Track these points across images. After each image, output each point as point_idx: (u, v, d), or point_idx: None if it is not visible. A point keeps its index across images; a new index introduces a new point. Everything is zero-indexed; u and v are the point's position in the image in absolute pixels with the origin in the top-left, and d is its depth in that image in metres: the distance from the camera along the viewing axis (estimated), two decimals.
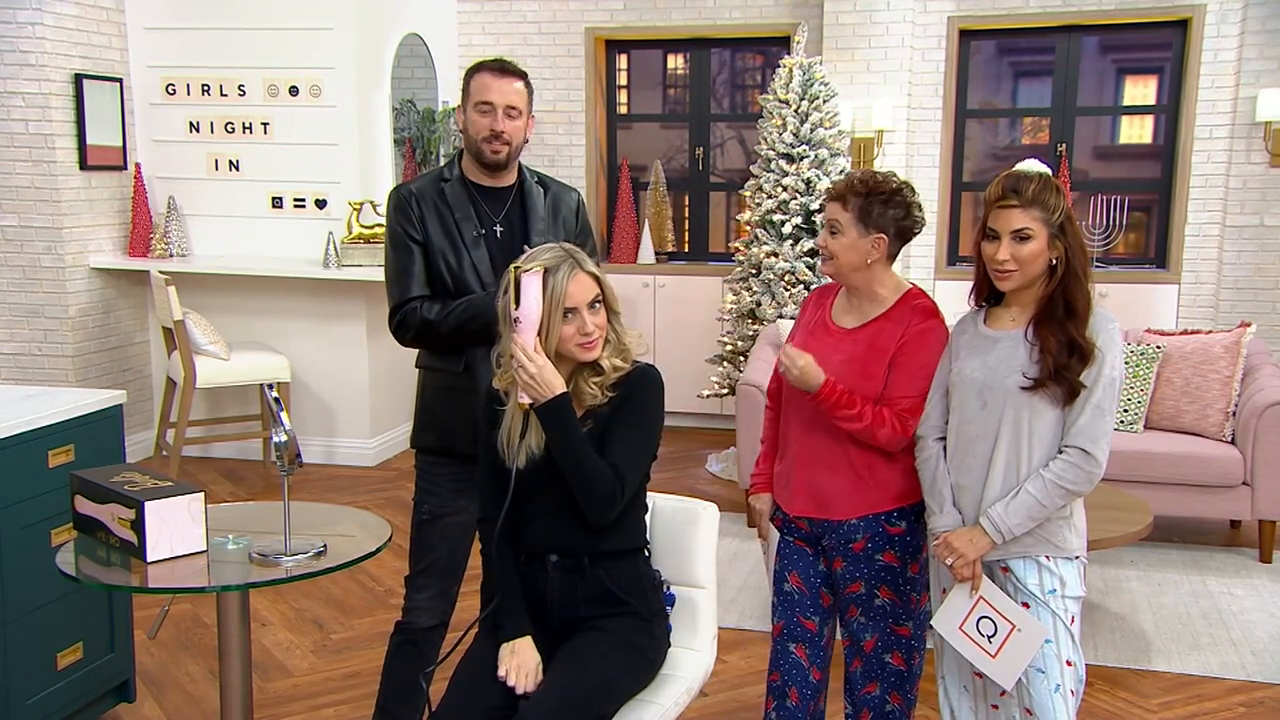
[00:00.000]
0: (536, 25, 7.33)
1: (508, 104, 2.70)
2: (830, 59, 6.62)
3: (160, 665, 3.80)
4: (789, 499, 2.63)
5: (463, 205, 2.76)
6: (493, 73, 2.71)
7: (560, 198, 2.88)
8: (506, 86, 2.70)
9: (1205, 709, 3.52)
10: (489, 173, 2.77)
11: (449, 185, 2.78)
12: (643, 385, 2.40)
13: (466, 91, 2.75)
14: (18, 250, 5.88)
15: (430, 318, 2.69)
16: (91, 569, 2.39)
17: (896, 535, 2.53)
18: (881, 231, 2.50)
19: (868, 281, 2.55)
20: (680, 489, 5.61)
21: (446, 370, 2.78)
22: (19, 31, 5.66)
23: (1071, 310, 2.31)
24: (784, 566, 2.66)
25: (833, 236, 2.53)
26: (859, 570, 2.54)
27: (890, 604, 2.55)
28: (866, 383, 2.48)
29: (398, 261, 2.74)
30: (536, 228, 2.78)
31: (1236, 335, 5.01)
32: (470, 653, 2.43)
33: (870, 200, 2.49)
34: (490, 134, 2.70)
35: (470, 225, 2.74)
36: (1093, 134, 7.06)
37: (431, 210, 2.74)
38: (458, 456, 2.77)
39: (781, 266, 5.76)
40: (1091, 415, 2.30)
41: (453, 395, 2.76)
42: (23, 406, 3.09)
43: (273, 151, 6.18)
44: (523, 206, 2.81)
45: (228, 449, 6.35)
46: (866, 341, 2.52)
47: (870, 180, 2.52)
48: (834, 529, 2.55)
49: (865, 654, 2.59)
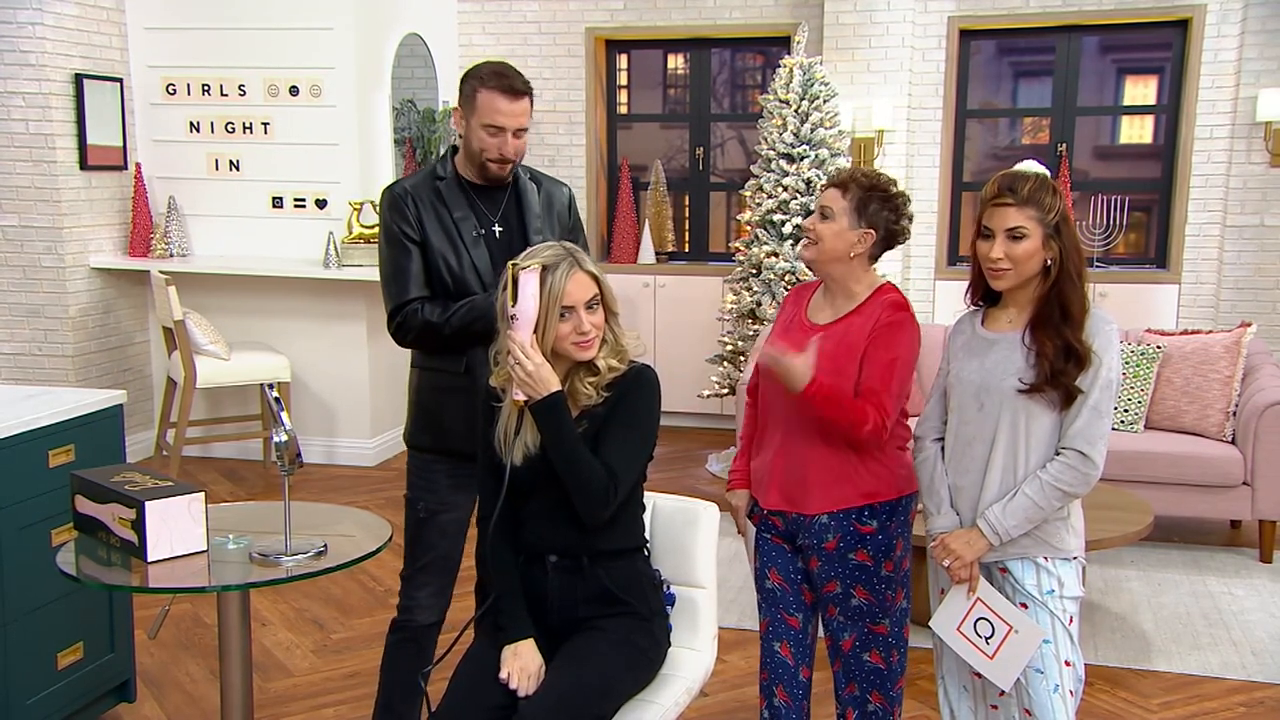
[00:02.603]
0: (537, 25, 7.33)
1: (518, 127, 2.65)
2: (830, 59, 6.62)
3: (160, 665, 3.80)
4: (764, 493, 2.63)
5: (460, 204, 2.72)
6: (504, 95, 2.62)
7: (553, 193, 2.85)
8: (518, 109, 2.63)
9: (1205, 709, 3.52)
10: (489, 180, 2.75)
11: (444, 184, 2.73)
12: (638, 385, 2.40)
13: (472, 104, 2.64)
14: (18, 250, 5.89)
15: (433, 320, 2.65)
16: (92, 569, 2.39)
17: (868, 534, 2.53)
18: (872, 228, 2.51)
19: (845, 276, 2.56)
20: (680, 489, 5.61)
21: (446, 370, 2.74)
22: (19, 31, 5.66)
23: (1067, 314, 2.31)
24: (764, 564, 2.68)
25: (823, 220, 2.53)
26: (834, 570, 2.55)
27: (866, 603, 2.55)
28: (837, 379, 2.48)
29: (395, 262, 2.70)
30: (534, 225, 2.76)
31: (1237, 335, 5.01)
32: (470, 653, 2.43)
33: (870, 195, 2.51)
34: (500, 157, 2.67)
35: (470, 224, 2.71)
36: (1093, 134, 7.06)
37: (429, 209, 2.70)
38: (454, 455, 2.75)
39: (782, 266, 5.76)
40: (1089, 417, 2.30)
41: (452, 395, 2.74)
42: (23, 406, 3.09)
43: (273, 151, 6.18)
44: (519, 204, 2.78)
45: (228, 449, 6.35)
46: (837, 337, 2.52)
47: (875, 177, 2.55)
48: (806, 526, 2.55)
49: (844, 653, 2.60)
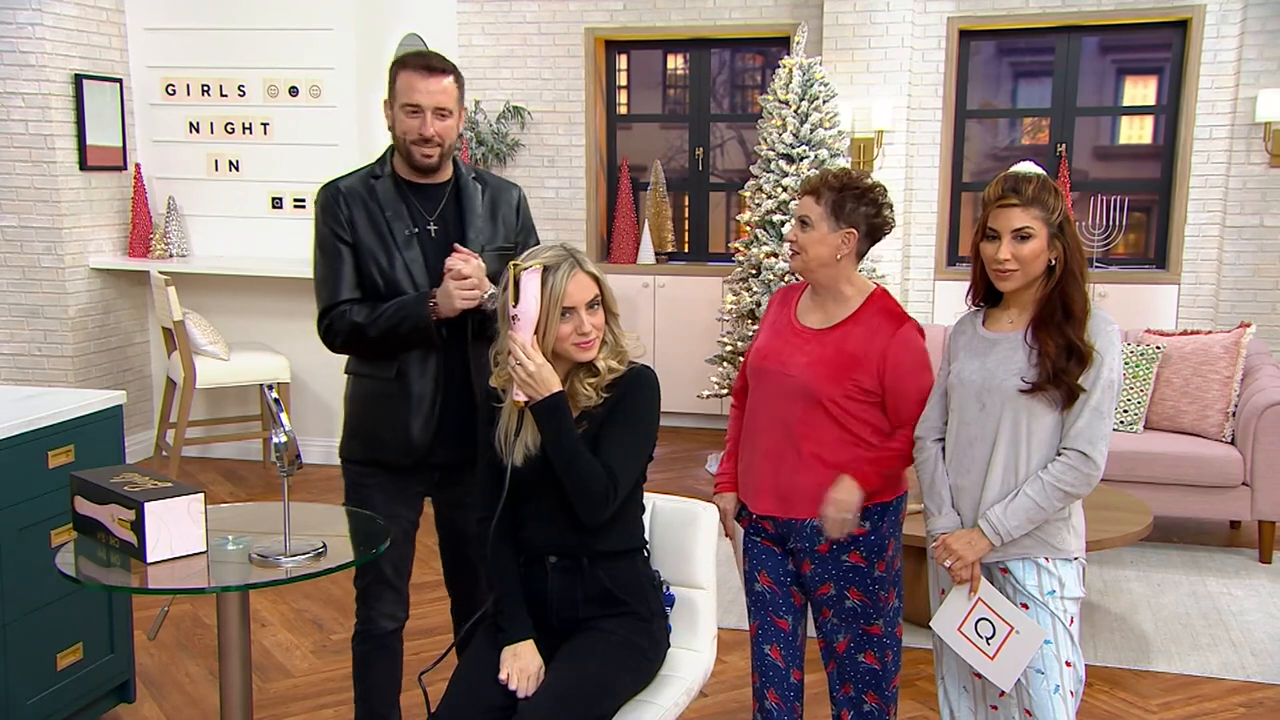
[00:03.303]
0: (536, 25, 7.32)
1: (436, 105, 2.55)
2: (830, 59, 6.62)
3: (160, 666, 3.80)
4: (753, 497, 2.62)
5: (394, 203, 2.63)
6: (419, 71, 2.54)
7: (499, 195, 2.75)
8: (434, 86, 2.54)
9: (1205, 709, 3.52)
10: (421, 173, 2.66)
11: (380, 182, 2.65)
12: (638, 386, 2.40)
13: (393, 88, 2.58)
14: (18, 250, 5.89)
15: (359, 321, 2.58)
16: (91, 570, 2.39)
17: (860, 536, 2.53)
18: (853, 227, 2.50)
19: (834, 279, 2.55)
20: (680, 489, 5.62)
21: (377, 376, 2.67)
22: (19, 32, 5.66)
23: (1069, 313, 2.31)
24: (753, 566, 2.67)
25: (803, 230, 2.52)
26: (827, 572, 2.55)
27: (860, 605, 2.55)
28: (833, 385, 2.49)
29: (326, 264, 2.62)
30: (474, 224, 2.68)
31: (1236, 336, 5.01)
32: (470, 653, 2.43)
33: (843, 195, 2.50)
34: (419, 138, 2.57)
35: (402, 225, 2.62)
36: (1092, 134, 7.06)
37: (360, 209, 2.62)
38: (386, 467, 2.68)
39: (781, 267, 5.76)
40: (1090, 418, 2.30)
41: (383, 403, 2.65)
42: (23, 407, 3.09)
43: (272, 152, 6.18)
44: (459, 204, 2.70)
45: (227, 449, 6.35)
46: (835, 345, 2.52)
47: (844, 176, 2.53)
48: (798, 529, 2.55)
49: (839, 655, 2.60)
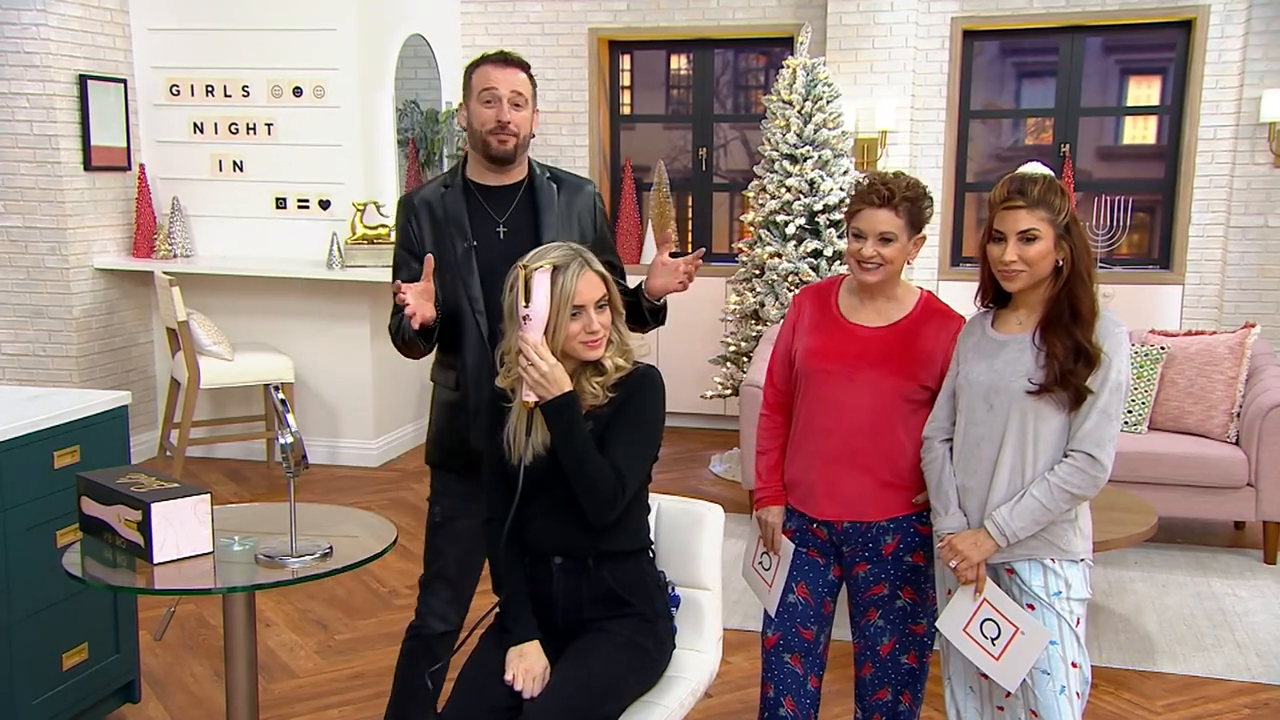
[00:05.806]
0: (540, 26, 7.33)
1: (512, 90, 2.61)
2: (834, 60, 6.61)
3: (165, 666, 3.80)
4: (814, 503, 2.59)
5: (457, 215, 2.66)
6: (495, 64, 2.63)
7: (574, 196, 2.74)
8: (511, 76, 2.62)
9: (1210, 710, 3.52)
10: (496, 169, 2.67)
11: (449, 192, 2.69)
12: (644, 386, 2.39)
13: (468, 86, 2.65)
14: (22, 251, 5.89)
15: (390, 328, 2.68)
16: (97, 570, 2.39)
17: (925, 535, 2.54)
18: (920, 231, 2.52)
19: (894, 282, 2.56)
20: (683, 490, 5.62)
21: (442, 385, 2.75)
22: (23, 33, 5.66)
23: (1077, 314, 2.31)
24: (792, 578, 2.64)
25: (886, 244, 2.48)
26: (885, 572, 2.55)
27: (911, 603, 2.57)
28: (906, 382, 2.51)
29: (392, 273, 2.72)
30: (550, 227, 2.67)
31: (1241, 336, 5.01)
32: (476, 654, 2.42)
33: (918, 204, 2.50)
34: (496, 124, 2.60)
35: (461, 239, 2.65)
36: (1096, 135, 7.05)
37: (428, 221, 2.68)
38: (458, 471, 2.72)
39: (785, 267, 5.75)
40: (1097, 420, 2.30)
41: (447, 410, 2.73)
42: (28, 407, 3.09)
43: (276, 152, 6.18)
44: (533, 205, 2.70)
45: (231, 449, 6.35)
46: (902, 342, 2.53)
47: (908, 182, 2.51)
48: (862, 532, 2.55)
49: (881, 658, 2.59)
